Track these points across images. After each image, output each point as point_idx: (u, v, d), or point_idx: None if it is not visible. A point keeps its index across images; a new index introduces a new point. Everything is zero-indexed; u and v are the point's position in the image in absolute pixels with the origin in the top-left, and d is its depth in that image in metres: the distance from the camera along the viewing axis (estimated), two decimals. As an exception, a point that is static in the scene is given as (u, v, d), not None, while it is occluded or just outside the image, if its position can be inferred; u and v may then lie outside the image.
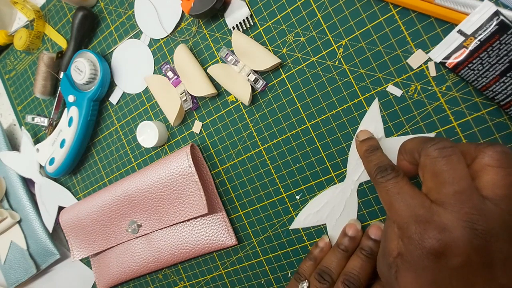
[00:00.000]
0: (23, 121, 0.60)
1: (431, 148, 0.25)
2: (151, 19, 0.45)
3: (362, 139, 0.34)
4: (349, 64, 0.36)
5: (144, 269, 0.47)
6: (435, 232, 0.23)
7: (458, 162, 0.24)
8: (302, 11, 0.37)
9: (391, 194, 0.27)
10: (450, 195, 0.24)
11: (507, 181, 0.23)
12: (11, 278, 0.59)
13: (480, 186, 0.24)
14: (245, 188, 0.42)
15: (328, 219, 0.38)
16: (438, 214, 0.24)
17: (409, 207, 0.25)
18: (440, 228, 0.23)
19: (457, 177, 0.24)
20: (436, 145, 0.25)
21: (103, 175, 0.52)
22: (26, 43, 0.54)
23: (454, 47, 0.30)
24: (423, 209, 0.24)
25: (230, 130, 0.42)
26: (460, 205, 0.23)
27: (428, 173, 0.25)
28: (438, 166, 0.25)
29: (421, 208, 0.24)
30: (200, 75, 0.42)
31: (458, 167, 0.24)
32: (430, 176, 0.25)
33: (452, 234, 0.23)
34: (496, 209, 0.23)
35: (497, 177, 0.24)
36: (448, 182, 0.24)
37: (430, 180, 0.25)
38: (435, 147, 0.25)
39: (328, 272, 0.34)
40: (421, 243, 0.23)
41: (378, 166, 0.29)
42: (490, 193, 0.24)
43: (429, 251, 0.23)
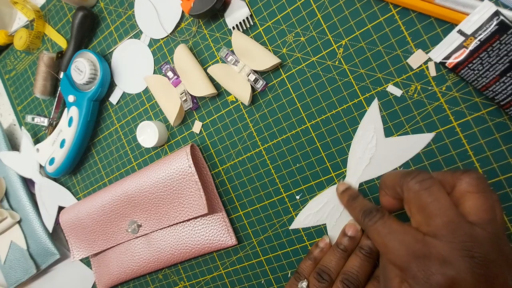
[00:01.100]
0: (23, 121, 0.60)
1: (411, 182, 0.26)
2: (151, 19, 0.45)
3: (341, 191, 0.35)
4: (349, 64, 0.36)
5: (144, 269, 0.47)
6: (437, 267, 0.23)
7: (440, 192, 0.25)
8: (302, 11, 0.37)
9: (383, 235, 0.27)
10: (440, 226, 0.24)
11: (488, 205, 0.24)
12: (11, 278, 0.59)
13: (464, 213, 0.24)
14: (245, 188, 0.42)
15: (328, 219, 0.38)
16: (434, 246, 0.24)
17: (404, 245, 0.25)
18: (441, 261, 0.23)
19: (443, 207, 0.24)
20: (416, 178, 0.26)
21: (103, 175, 0.52)
22: (26, 43, 0.54)
23: (454, 47, 0.30)
24: (418, 243, 0.24)
25: (230, 130, 0.42)
26: (452, 235, 0.23)
27: (414, 207, 0.26)
28: (422, 199, 0.25)
29: (416, 243, 0.24)
30: (200, 75, 0.42)
31: (442, 197, 0.25)
32: (416, 210, 0.25)
33: (454, 266, 0.23)
34: (485, 233, 0.23)
35: (478, 202, 0.24)
36: (435, 213, 0.24)
37: (417, 213, 0.25)
38: (414, 180, 0.26)
39: (327, 272, 0.34)
40: (427, 281, 0.23)
41: (363, 211, 0.30)
42: (475, 218, 0.24)
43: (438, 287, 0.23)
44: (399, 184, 0.27)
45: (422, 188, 0.25)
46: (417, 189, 0.25)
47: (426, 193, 0.25)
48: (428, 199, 0.25)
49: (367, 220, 0.29)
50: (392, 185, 0.28)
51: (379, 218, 0.28)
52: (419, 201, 0.25)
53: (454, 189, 0.26)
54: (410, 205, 0.26)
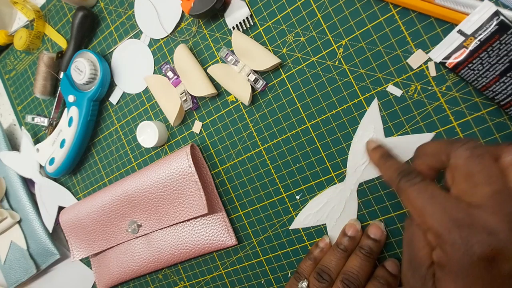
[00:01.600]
0: (23, 121, 0.60)
1: (461, 148, 0.24)
2: (151, 19, 0.45)
3: (372, 148, 0.33)
4: (349, 64, 0.36)
5: (144, 269, 0.47)
6: (483, 236, 0.21)
7: (490, 161, 0.23)
8: (302, 11, 0.37)
9: (423, 198, 0.24)
10: (488, 196, 0.22)
11: None
12: (11, 278, 0.59)
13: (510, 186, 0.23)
14: (245, 188, 0.42)
15: (328, 219, 0.38)
16: (479, 216, 0.22)
17: (446, 211, 0.23)
18: (487, 232, 0.22)
19: (493, 177, 0.23)
20: (467, 144, 0.24)
21: (103, 175, 0.52)
22: (26, 43, 0.54)
23: (454, 47, 0.30)
24: (462, 212, 0.23)
25: (230, 130, 0.42)
26: (499, 206, 0.22)
27: (461, 174, 0.24)
28: (472, 166, 0.23)
29: (460, 212, 0.23)
30: (200, 75, 0.42)
31: (492, 166, 0.23)
32: (463, 177, 0.24)
33: (500, 238, 0.21)
34: None
35: None
36: (484, 182, 0.23)
37: (463, 181, 0.24)
38: (466, 146, 0.24)
39: (327, 272, 0.34)
40: (469, 249, 0.22)
41: (400, 171, 0.27)
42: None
43: (479, 257, 0.21)
44: (445, 150, 0.25)
45: (473, 155, 0.23)
46: (468, 156, 0.24)
47: (477, 161, 0.23)
48: (478, 167, 0.23)
49: (404, 181, 0.26)
50: (435, 152, 0.26)
51: (420, 180, 0.25)
52: (468, 168, 0.23)
53: (499, 161, 0.24)
54: (456, 172, 0.24)
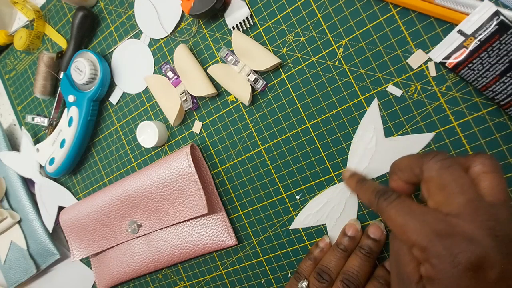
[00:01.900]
0: (23, 121, 0.60)
1: (432, 161, 0.25)
2: (151, 19, 0.45)
3: (348, 176, 0.34)
4: (349, 64, 0.36)
5: (144, 269, 0.47)
6: (464, 245, 0.22)
7: (460, 171, 0.24)
8: (302, 11, 0.37)
9: (401, 214, 0.25)
10: (463, 204, 0.23)
11: (503, 185, 0.24)
12: (11, 278, 0.59)
13: (481, 194, 0.24)
14: (245, 188, 0.42)
15: (328, 219, 0.38)
16: (458, 225, 0.23)
17: (426, 224, 0.24)
18: (468, 240, 0.22)
19: (465, 186, 0.24)
20: (436, 157, 0.25)
21: (103, 175, 0.52)
22: (26, 43, 0.54)
23: (454, 47, 0.30)
24: (441, 223, 0.23)
25: (230, 130, 0.42)
26: (475, 214, 0.23)
27: (434, 186, 0.25)
28: (444, 177, 0.24)
29: (439, 222, 0.23)
30: (200, 75, 0.42)
31: (462, 176, 0.24)
32: (437, 189, 0.25)
33: (481, 244, 0.22)
34: (505, 213, 0.23)
35: (494, 182, 0.24)
36: (458, 192, 0.24)
37: (438, 193, 0.25)
38: (435, 159, 0.25)
39: (327, 272, 0.34)
40: (454, 259, 0.22)
41: (376, 191, 0.28)
42: (492, 198, 0.23)
43: (465, 266, 0.22)
44: (417, 164, 0.26)
45: (444, 167, 0.24)
46: (438, 168, 0.24)
47: (447, 172, 0.24)
48: (449, 178, 0.24)
49: (382, 200, 0.27)
50: (408, 167, 0.27)
51: (396, 197, 0.26)
52: (440, 180, 0.24)
53: (468, 171, 0.25)
54: (430, 184, 0.25)
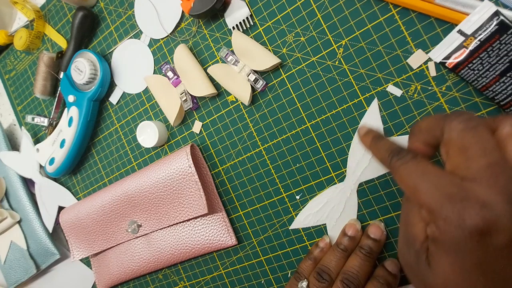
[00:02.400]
0: (23, 121, 0.60)
1: (455, 121, 0.24)
2: (151, 19, 0.45)
3: (364, 132, 0.32)
4: (349, 64, 0.36)
5: (144, 269, 0.47)
6: (476, 209, 0.21)
7: (485, 132, 0.23)
8: (302, 11, 0.37)
9: (415, 175, 0.24)
10: (483, 168, 0.22)
11: None
12: (11, 278, 0.59)
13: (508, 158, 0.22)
14: (245, 188, 0.42)
15: (328, 219, 0.38)
16: (473, 190, 0.22)
17: (438, 187, 0.23)
18: (480, 205, 0.21)
19: (489, 149, 0.22)
20: (461, 117, 0.23)
21: (103, 175, 0.52)
22: (26, 43, 0.54)
23: (454, 47, 0.30)
24: (455, 187, 0.22)
25: (230, 130, 0.42)
26: (495, 179, 0.21)
27: (455, 148, 0.23)
28: (466, 139, 0.23)
29: (453, 186, 0.22)
30: (200, 75, 0.42)
31: (487, 138, 0.23)
32: (457, 151, 0.23)
33: (494, 210, 0.21)
34: None
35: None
36: (479, 154, 0.22)
37: (457, 155, 0.23)
38: (459, 119, 0.23)
39: (327, 271, 0.34)
40: (461, 222, 0.21)
41: (391, 150, 0.27)
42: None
43: (472, 230, 0.21)
44: (439, 124, 0.24)
45: (468, 127, 0.23)
46: (462, 128, 0.23)
47: (471, 133, 0.23)
48: (473, 139, 0.22)
49: (395, 159, 0.26)
50: (430, 128, 0.25)
51: (411, 157, 0.25)
52: (462, 141, 0.23)
53: (496, 133, 0.23)
54: (450, 146, 0.24)
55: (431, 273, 0.23)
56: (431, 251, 0.23)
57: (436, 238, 0.23)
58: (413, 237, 0.25)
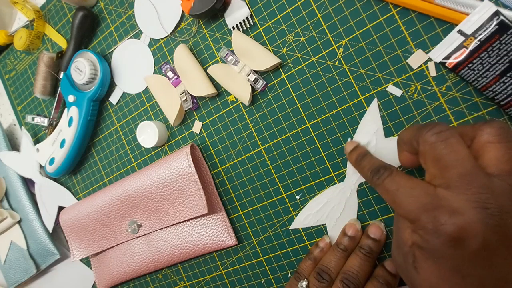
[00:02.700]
0: (23, 121, 0.60)
1: (427, 134, 0.25)
2: (151, 19, 0.45)
3: (349, 150, 0.34)
4: (349, 64, 0.36)
5: (144, 269, 0.47)
6: (446, 217, 0.22)
7: (457, 143, 0.24)
8: (302, 11, 0.37)
9: (391, 191, 0.26)
10: (455, 178, 0.23)
11: (509, 155, 0.23)
12: (11, 278, 0.59)
13: (484, 165, 0.23)
14: (245, 188, 0.42)
15: (328, 219, 0.38)
16: (445, 198, 0.23)
17: (413, 198, 0.25)
18: (451, 212, 0.22)
19: (460, 159, 0.23)
20: (432, 130, 0.25)
21: (103, 175, 0.52)
22: (26, 43, 0.54)
23: (454, 47, 0.30)
24: (428, 197, 0.24)
25: (230, 130, 0.42)
26: (466, 187, 0.23)
27: (429, 159, 0.25)
28: (438, 150, 0.24)
29: (426, 197, 0.24)
30: (200, 75, 0.42)
31: (459, 149, 0.24)
32: (431, 162, 0.25)
33: (465, 217, 0.22)
34: (504, 185, 0.22)
35: (499, 153, 0.23)
36: (451, 165, 0.23)
37: (432, 166, 0.25)
38: (431, 132, 0.25)
39: (327, 271, 0.34)
40: (436, 231, 0.23)
41: (371, 170, 0.29)
42: (495, 170, 0.23)
43: (446, 238, 0.22)
44: (415, 137, 0.26)
45: (439, 140, 0.24)
46: (433, 141, 0.24)
47: (443, 145, 0.24)
48: (444, 151, 0.24)
49: (375, 179, 0.28)
50: (408, 140, 0.27)
51: (387, 175, 0.27)
52: (435, 152, 0.24)
53: (473, 141, 0.25)
54: (425, 157, 0.25)
55: (417, 276, 0.25)
56: (416, 256, 0.25)
57: (420, 245, 0.24)
58: (403, 241, 0.26)
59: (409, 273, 0.26)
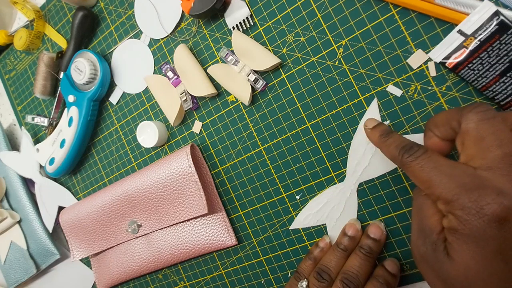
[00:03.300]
0: (23, 121, 0.60)
1: (472, 112, 0.24)
2: (151, 19, 0.45)
3: (371, 127, 0.32)
4: (349, 64, 0.36)
5: (144, 269, 0.47)
6: (493, 197, 0.21)
7: (501, 124, 0.23)
8: (302, 11, 0.37)
9: (428, 169, 0.24)
10: (499, 158, 0.22)
11: None
12: (11, 278, 0.59)
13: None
14: (245, 188, 0.42)
15: (328, 219, 0.38)
16: (488, 179, 0.22)
17: (453, 178, 0.23)
18: (496, 192, 0.21)
19: (504, 139, 0.23)
20: (478, 108, 0.24)
21: (103, 175, 0.52)
22: (26, 43, 0.54)
23: (454, 47, 0.30)
24: (469, 176, 0.23)
25: (230, 130, 0.42)
26: (510, 168, 0.22)
27: (471, 138, 0.24)
28: (483, 129, 0.23)
29: (467, 176, 0.23)
30: (200, 75, 0.42)
31: (503, 129, 0.23)
32: (473, 141, 0.24)
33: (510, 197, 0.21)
34: None
35: None
36: (495, 145, 0.23)
37: (473, 145, 0.24)
38: (477, 110, 0.24)
39: (327, 271, 0.34)
40: (480, 210, 0.22)
41: (401, 147, 0.27)
42: None
43: (491, 217, 0.21)
44: (455, 117, 0.25)
45: (484, 118, 0.23)
46: (479, 118, 0.23)
47: (488, 124, 0.23)
48: (489, 130, 0.23)
49: (406, 156, 0.26)
50: (446, 121, 0.26)
51: (422, 152, 0.25)
52: (478, 131, 0.23)
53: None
54: (466, 137, 0.24)
55: (451, 264, 0.23)
56: (450, 241, 0.23)
57: (455, 228, 0.23)
58: (429, 228, 0.25)
59: (438, 262, 0.24)
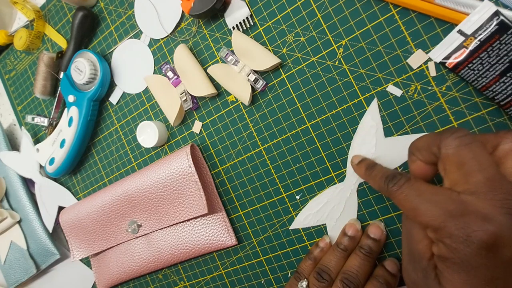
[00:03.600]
0: (23, 121, 0.60)
1: (450, 138, 0.24)
2: (151, 19, 0.45)
3: (356, 162, 0.34)
4: (349, 64, 0.36)
5: (144, 269, 0.47)
6: (478, 223, 0.21)
7: (480, 149, 0.23)
8: (302, 11, 0.37)
9: (411, 198, 0.25)
10: (481, 183, 0.22)
11: None
12: (11, 278, 0.59)
13: (506, 173, 0.23)
14: (245, 188, 0.42)
15: (328, 219, 0.38)
16: (472, 204, 0.22)
17: (438, 205, 0.23)
18: (482, 218, 0.21)
19: (485, 164, 0.23)
20: (456, 133, 0.24)
21: (103, 175, 0.52)
22: (26, 43, 0.54)
23: (454, 47, 0.30)
24: (453, 203, 0.23)
25: (230, 130, 0.42)
26: (493, 192, 0.22)
27: (452, 164, 0.24)
28: (463, 154, 0.23)
29: (451, 203, 0.23)
30: (200, 75, 0.42)
31: (483, 154, 0.23)
32: (455, 167, 0.24)
33: (496, 222, 0.21)
34: None
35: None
36: (476, 169, 0.23)
37: (455, 171, 0.24)
38: (455, 135, 0.24)
39: (327, 271, 0.34)
40: (467, 238, 0.21)
41: (385, 177, 0.28)
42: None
43: (478, 245, 0.21)
44: (435, 142, 0.25)
45: (462, 144, 0.23)
46: (457, 144, 0.23)
47: (467, 149, 0.23)
48: (468, 155, 0.23)
49: (391, 185, 0.26)
50: (426, 146, 0.26)
51: (405, 181, 0.26)
52: (458, 157, 0.23)
53: (496, 149, 0.24)
54: (447, 162, 0.24)
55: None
56: (440, 269, 0.23)
57: (445, 257, 0.23)
58: (419, 254, 0.25)
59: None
